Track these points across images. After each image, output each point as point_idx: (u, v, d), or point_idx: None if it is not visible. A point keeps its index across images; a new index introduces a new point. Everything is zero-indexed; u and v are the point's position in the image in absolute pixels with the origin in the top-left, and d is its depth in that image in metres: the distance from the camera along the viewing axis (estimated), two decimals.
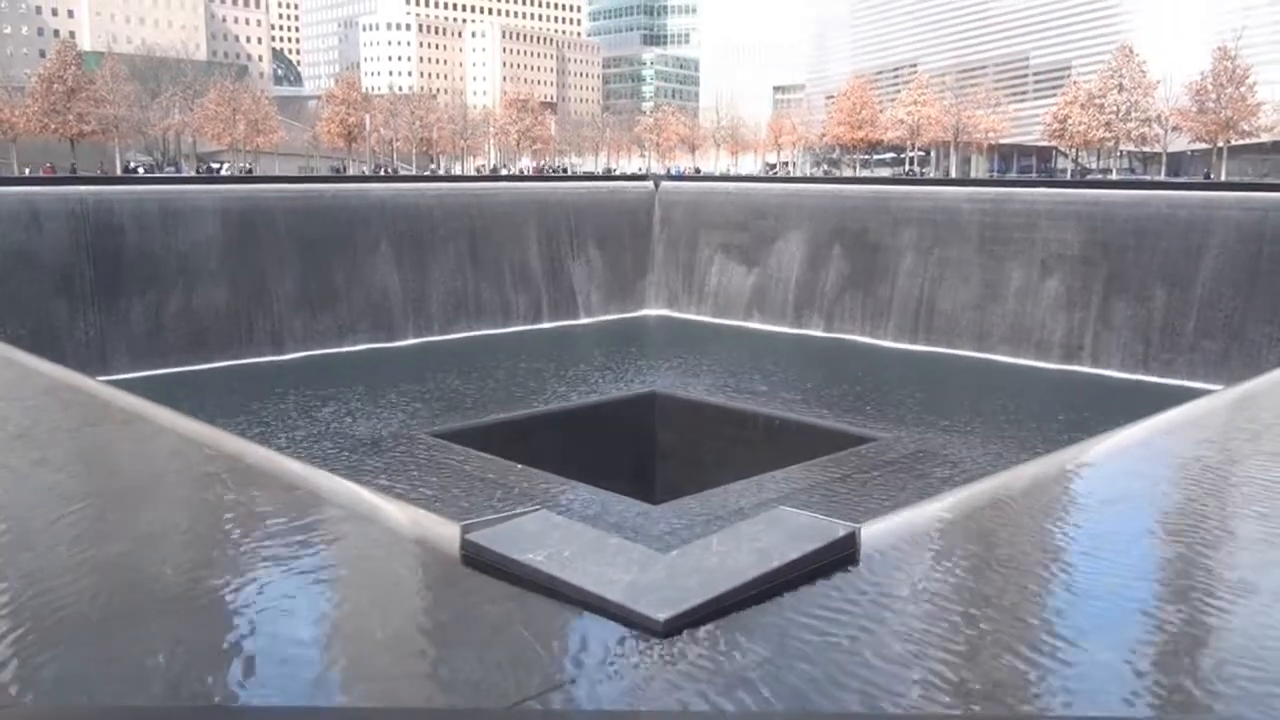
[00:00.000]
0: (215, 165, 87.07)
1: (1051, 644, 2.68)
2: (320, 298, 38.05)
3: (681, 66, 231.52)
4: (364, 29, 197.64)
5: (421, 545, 3.31)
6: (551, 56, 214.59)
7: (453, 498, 14.86)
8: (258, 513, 3.61)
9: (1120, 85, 78.29)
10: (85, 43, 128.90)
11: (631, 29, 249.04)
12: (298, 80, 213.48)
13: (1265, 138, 72.59)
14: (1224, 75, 70.80)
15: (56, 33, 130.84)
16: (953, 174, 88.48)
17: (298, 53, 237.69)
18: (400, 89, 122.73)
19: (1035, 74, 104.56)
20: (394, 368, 34.06)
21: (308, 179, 57.74)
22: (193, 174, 73.20)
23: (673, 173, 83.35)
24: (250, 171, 75.58)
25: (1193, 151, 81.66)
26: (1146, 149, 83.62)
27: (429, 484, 16.35)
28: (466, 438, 20.16)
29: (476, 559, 3.08)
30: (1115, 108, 78.12)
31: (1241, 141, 73.04)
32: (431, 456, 18.74)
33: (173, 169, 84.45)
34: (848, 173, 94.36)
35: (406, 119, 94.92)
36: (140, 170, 74.93)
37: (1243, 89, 70.53)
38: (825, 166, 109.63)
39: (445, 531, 3.28)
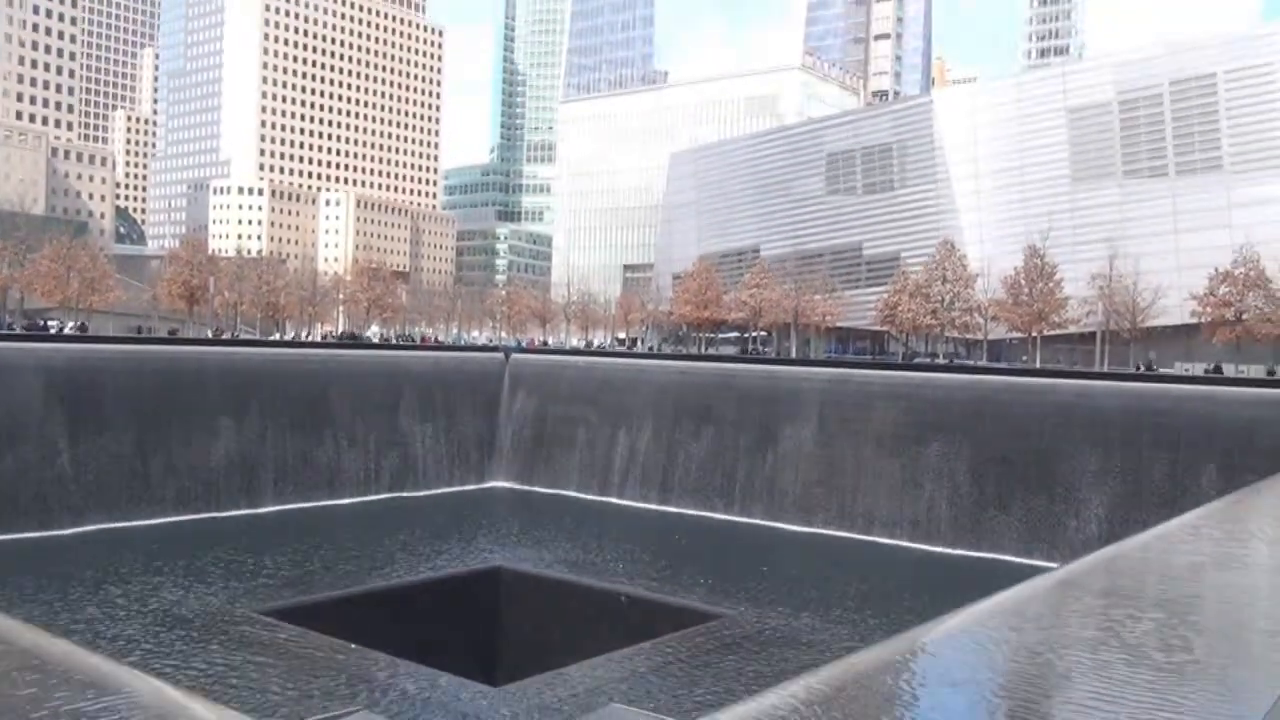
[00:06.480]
0: (46, 322, 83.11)
1: None
2: (143, 464, 36.06)
3: (534, 242, 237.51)
4: (214, 192, 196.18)
5: None
6: (406, 227, 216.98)
7: (278, 685, 13.88)
8: None
9: (944, 277, 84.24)
10: None
11: (487, 204, 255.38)
12: (141, 239, 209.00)
13: (1073, 329, 78.51)
14: (1034, 271, 77.08)
15: None
16: (793, 354, 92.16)
17: (143, 212, 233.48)
18: (249, 252, 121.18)
19: (868, 263, 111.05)
20: (223, 541, 32.24)
21: (140, 339, 55.64)
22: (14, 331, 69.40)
23: (523, 345, 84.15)
24: (84, 330, 72.37)
25: (1011, 339, 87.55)
26: (970, 336, 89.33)
27: (254, 669, 15.27)
28: (298, 616, 19.10)
29: None
30: (940, 297, 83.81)
31: (1052, 332, 78.85)
32: (259, 637, 17.59)
33: None
34: (694, 350, 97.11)
35: (253, 283, 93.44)
36: None
37: (1051, 284, 76.79)
38: (665, 344, 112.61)
39: None
